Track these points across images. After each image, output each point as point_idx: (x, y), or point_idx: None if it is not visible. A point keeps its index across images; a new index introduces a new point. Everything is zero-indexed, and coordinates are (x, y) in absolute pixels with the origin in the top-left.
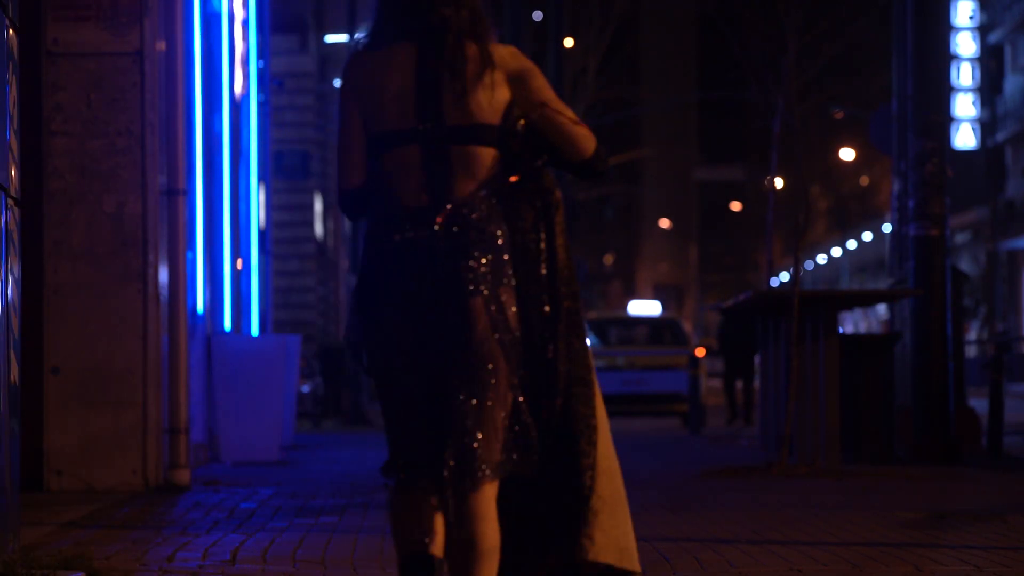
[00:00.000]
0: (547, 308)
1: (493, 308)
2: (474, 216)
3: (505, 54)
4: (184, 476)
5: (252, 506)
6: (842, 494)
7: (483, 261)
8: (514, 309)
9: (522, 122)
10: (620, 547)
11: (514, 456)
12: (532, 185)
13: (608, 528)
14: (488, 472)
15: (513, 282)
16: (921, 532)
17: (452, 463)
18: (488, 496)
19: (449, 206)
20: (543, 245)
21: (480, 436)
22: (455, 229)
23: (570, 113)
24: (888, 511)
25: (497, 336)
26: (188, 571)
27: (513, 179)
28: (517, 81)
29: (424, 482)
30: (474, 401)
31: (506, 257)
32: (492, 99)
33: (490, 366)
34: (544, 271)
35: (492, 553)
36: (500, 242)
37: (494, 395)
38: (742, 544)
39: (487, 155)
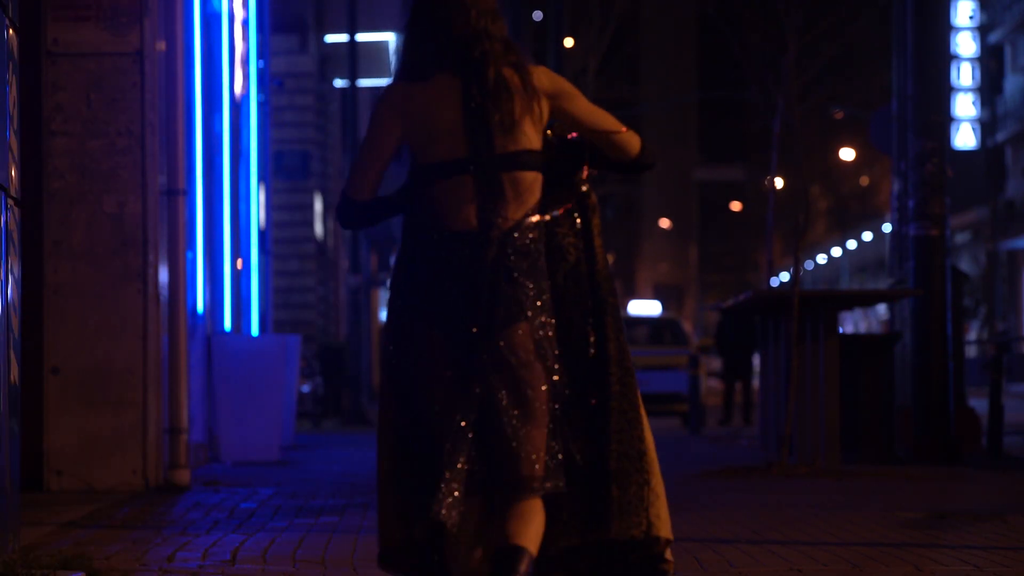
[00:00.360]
0: (591, 305)
1: (537, 333)
2: (521, 242)
3: (540, 75)
4: (184, 476)
5: (252, 506)
6: (842, 494)
7: (529, 286)
8: (553, 333)
9: (550, 132)
10: (670, 525)
11: (551, 473)
12: (568, 191)
13: (665, 506)
14: (534, 487)
15: (551, 304)
16: (921, 532)
17: (502, 478)
18: (536, 506)
19: (497, 232)
20: (583, 247)
21: (524, 455)
22: (503, 254)
23: (610, 119)
24: (888, 511)
25: (540, 360)
26: (188, 571)
27: (560, 211)
28: (553, 98)
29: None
30: (519, 422)
31: (548, 282)
32: (534, 124)
33: (532, 389)
34: (586, 271)
35: (536, 541)
36: (543, 266)
37: (537, 417)
38: (742, 544)
39: (534, 179)
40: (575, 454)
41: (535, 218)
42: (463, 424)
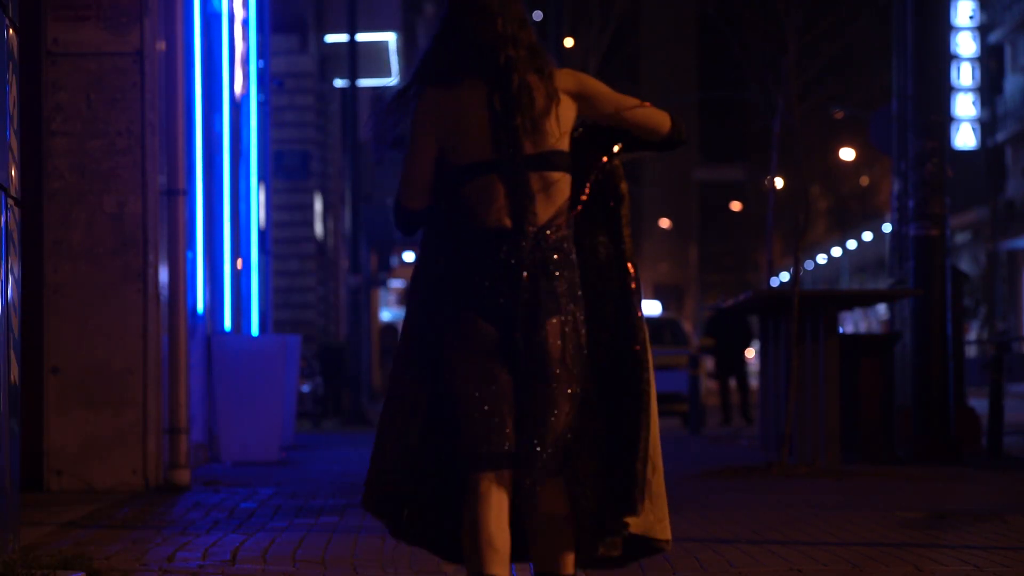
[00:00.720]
0: (620, 299)
1: (568, 327)
2: (554, 238)
3: (564, 77)
4: (184, 476)
5: (252, 506)
6: (842, 494)
7: (562, 281)
8: (584, 326)
9: (580, 130)
10: (666, 523)
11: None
12: (605, 183)
13: (664, 506)
14: (552, 471)
15: (581, 296)
16: (921, 532)
17: (528, 462)
18: (558, 490)
19: (532, 228)
20: (613, 240)
21: (548, 443)
22: (538, 250)
23: (633, 100)
24: (888, 511)
25: (573, 353)
26: (188, 571)
27: (584, 196)
28: (578, 96)
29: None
30: (547, 411)
31: (578, 276)
32: (560, 125)
33: (564, 380)
34: (615, 262)
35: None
36: (575, 260)
37: (565, 407)
38: (742, 544)
39: (561, 178)
40: (597, 446)
41: (564, 217)
42: (499, 411)
